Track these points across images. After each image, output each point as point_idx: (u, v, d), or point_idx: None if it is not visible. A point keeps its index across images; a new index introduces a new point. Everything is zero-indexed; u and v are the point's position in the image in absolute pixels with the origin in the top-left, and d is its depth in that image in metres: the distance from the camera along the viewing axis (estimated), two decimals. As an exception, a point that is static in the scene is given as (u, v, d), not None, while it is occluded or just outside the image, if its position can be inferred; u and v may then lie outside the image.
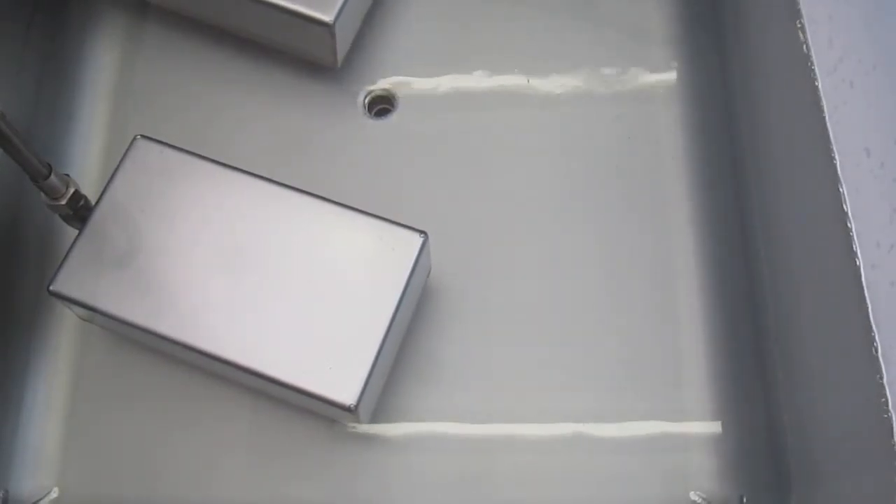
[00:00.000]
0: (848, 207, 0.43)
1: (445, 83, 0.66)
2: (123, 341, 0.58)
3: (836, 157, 0.44)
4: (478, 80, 0.66)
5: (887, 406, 0.39)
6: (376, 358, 0.50)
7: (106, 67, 0.67)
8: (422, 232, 0.53)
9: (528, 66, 0.67)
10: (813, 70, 0.47)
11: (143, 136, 0.56)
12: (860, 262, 0.41)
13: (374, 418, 0.56)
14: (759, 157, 0.57)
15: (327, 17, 0.59)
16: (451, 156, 0.64)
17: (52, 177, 0.50)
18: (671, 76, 0.66)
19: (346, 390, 0.49)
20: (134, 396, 0.57)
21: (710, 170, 0.62)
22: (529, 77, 0.66)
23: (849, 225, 0.42)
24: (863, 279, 0.40)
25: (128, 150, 0.55)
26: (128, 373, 0.58)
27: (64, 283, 0.52)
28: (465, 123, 0.65)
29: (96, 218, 0.53)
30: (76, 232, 0.54)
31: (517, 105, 0.65)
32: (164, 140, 0.56)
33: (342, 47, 0.63)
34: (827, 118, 0.45)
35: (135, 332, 0.52)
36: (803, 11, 0.48)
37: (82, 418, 0.57)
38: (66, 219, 0.54)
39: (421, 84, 0.66)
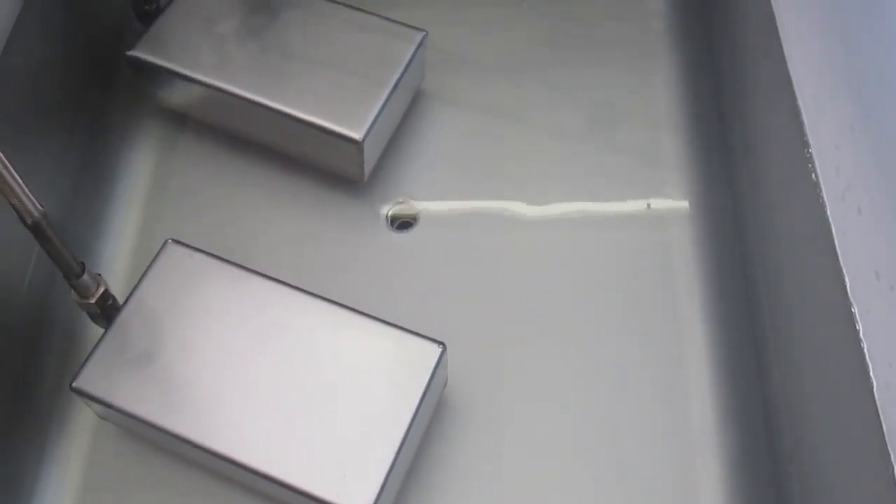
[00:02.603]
0: (860, 328, 0.44)
1: (466, 201, 0.69)
2: (138, 440, 0.58)
3: (847, 279, 0.45)
4: (497, 199, 0.69)
5: (907, 530, 0.39)
6: (391, 468, 0.50)
7: (141, 173, 0.70)
8: (440, 343, 0.54)
9: (544, 187, 0.69)
10: (821, 196, 0.49)
11: (174, 240, 0.58)
12: (874, 381, 0.41)
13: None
14: (771, 277, 0.59)
15: (357, 135, 0.62)
16: (470, 270, 0.65)
17: (85, 276, 0.51)
18: (683, 200, 0.68)
19: (360, 499, 0.49)
20: (146, 496, 0.57)
21: (723, 290, 0.63)
22: (546, 197, 0.69)
23: (861, 346, 0.43)
24: (876, 398, 0.41)
25: (159, 252, 0.57)
26: (141, 472, 0.57)
27: (86, 381, 0.53)
28: (484, 240, 0.67)
29: (123, 318, 0.55)
30: (101, 330, 0.55)
31: (534, 224, 0.68)
32: (193, 244, 0.58)
33: (369, 163, 0.66)
34: (836, 242, 0.47)
35: (152, 432, 0.52)
36: (811, 141, 0.51)
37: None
38: (93, 317, 0.55)
39: (442, 201, 0.69)
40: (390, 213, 0.68)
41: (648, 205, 0.67)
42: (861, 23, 0.45)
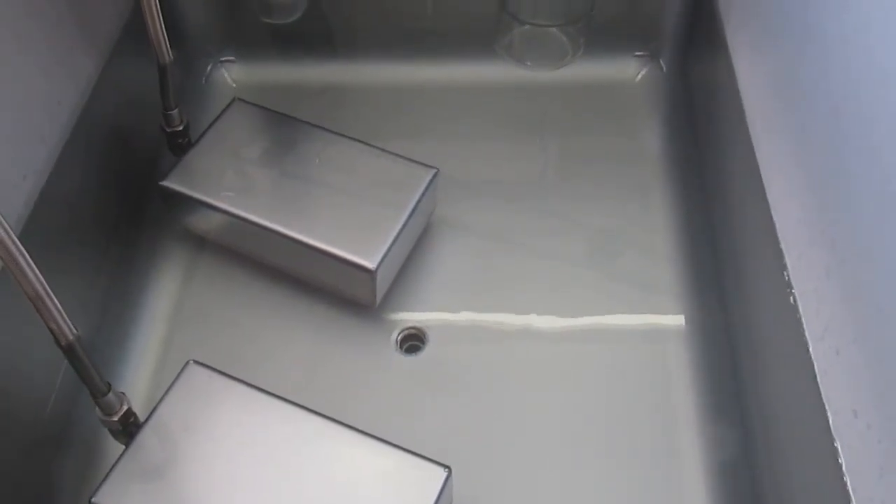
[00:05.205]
0: (842, 462, 0.46)
1: (474, 326, 0.72)
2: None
3: (830, 416, 0.48)
4: (503, 325, 0.72)
5: None
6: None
7: (165, 294, 0.74)
8: (446, 467, 0.56)
9: (549, 313, 0.73)
10: (804, 335, 0.52)
11: (195, 361, 0.61)
12: (856, 517, 0.43)
13: None
14: (761, 398, 0.61)
15: (371, 265, 0.66)
16: (477, 394, 0.68)
17: (110, 394, 0.54)
18: (679, 322, 0.72)
19: None
20: None
21: (716, 405, 0.66)
22: (551, 323, 0.72)
23: (845, 480, 0.45)
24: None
25: (180, 373, 0.60)
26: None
27: (105, 497, 0.54)
28: (491, 364, 0.70)
29: (143, 436, 0.57)
30: (121, 446, 0.57)
31: (539, 348, 0.71)
32: (212, 364, 0.61)
33: (381, 290, 0.69)
34: (819, 380, 0.50)
35: (165, 549, 0.54)
36: (793, 283, 0.55)
37: None
38: (114, 433, 0.57)
39: (450, 325, 0.72)
40: (400, 337, 0.71)
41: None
42: (839, 183, 0.50)
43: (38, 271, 0.44)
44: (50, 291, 0.45)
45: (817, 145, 0.53)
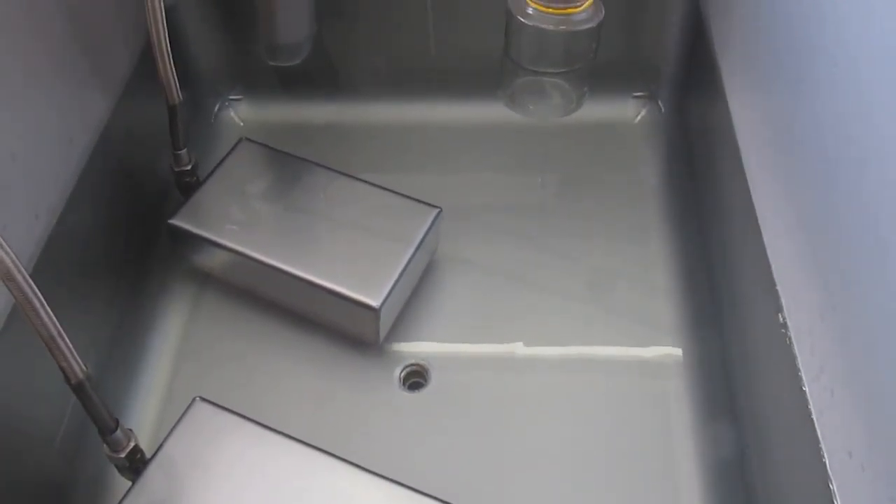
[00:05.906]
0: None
1: (476, 362, 0.73)
2: None
3: (826, 456, 0.49)
4: (506, 361, 0.73)
5: None
6: None
7: (172, 331, 0.75)
8: (448, 504, 0.57)
9: (552, 349, 0.73)
10: (800, 375, 0.53)
11: (202, 398, 0.62)
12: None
13: None
14: (760, 434, 0.62)
15: (374, 303, 0.67)
16: (479, 429, 0.68)
17: (118, 431, 0.55)
18: (677, 356, 0.73)
19: None
20: None
21: (715, 436, 0.67)
22: (553, 358, 0.73)
23: (841, 521, 0.46)
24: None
25: (187, 409, 0.61)
26: None
27: (111, 533, 0.55)
28: (493, 400, 0.70)
29: (149, 472, 0.58)
30: (127, 483, 0.58)
31: (542, 383, 0.71)
32: (216, 400, 0.61)
33: (385, 328, 0.70)
34: (815, 420, 0.51)
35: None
36: (789, 325, 0.56)
37: None
38: (120, 469, 0.58)
39: (453, 362, 0.73)
40: (403, 374, 0.72)
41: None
42: (831, 225, 0.51)
43: (51, 313, 0.45)
44: (62, 331, 0.46)
45: (810, 188, 0.54)
